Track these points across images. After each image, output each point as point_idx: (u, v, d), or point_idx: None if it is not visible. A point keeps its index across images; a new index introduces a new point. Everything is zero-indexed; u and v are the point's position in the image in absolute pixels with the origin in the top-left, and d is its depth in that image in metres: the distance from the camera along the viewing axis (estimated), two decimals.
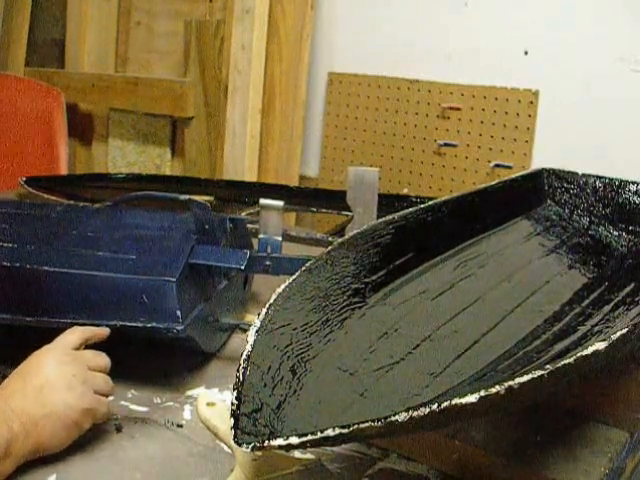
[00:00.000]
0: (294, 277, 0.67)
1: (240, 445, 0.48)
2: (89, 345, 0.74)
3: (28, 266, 0.80)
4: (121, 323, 0.79)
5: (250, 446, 0.47)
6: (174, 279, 0.78)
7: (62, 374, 0.67)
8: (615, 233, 1.08)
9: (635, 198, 1.09)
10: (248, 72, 1.89)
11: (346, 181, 1.10)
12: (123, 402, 0.79)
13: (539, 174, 1.15)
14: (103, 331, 0.77)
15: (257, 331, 0.59)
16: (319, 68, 1.96)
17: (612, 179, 1.11)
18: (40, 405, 0.64)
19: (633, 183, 1.10)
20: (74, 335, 0.73)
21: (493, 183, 1.03)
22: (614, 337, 0.57)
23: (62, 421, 0.65)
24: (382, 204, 1.13)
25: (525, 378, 0.49)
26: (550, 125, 1.65)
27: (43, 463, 0.66)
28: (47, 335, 0.73)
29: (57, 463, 0.67)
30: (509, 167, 1.68)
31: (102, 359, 0.73)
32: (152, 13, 2.25)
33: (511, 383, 0.48)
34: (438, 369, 0.68)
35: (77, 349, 0.72)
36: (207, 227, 0.87)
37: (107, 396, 0.71)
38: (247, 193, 1.57)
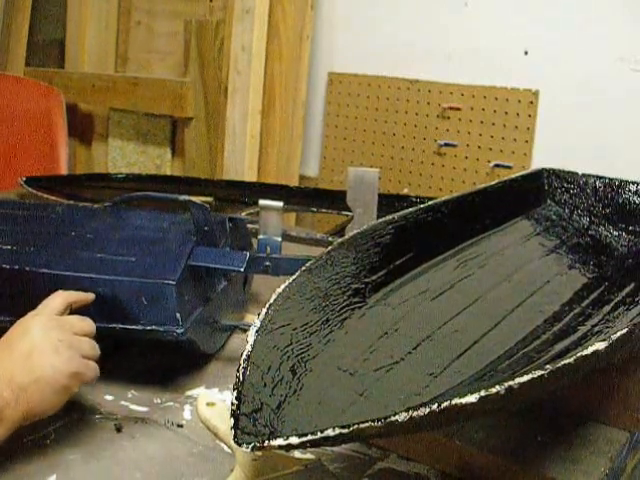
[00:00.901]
0: (294, 277, 0.67)
1: (240, 445, 0.48)
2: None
3: (27, 269, 0.80)
4: (121, 326, 0.78)
5: (250, 446, 0.47)
6: (174, 282, 0.78)
7: (48, 339, 0.67)
8: (615, 233, 1.08)
9: (635, 198, 1.09)
10: (248, 72, 1.89)
11: (346, 181, 1.10)
12: (123, 402, 0.79)
13: (539, 174, 1.15)
14: (87, 296, 0.77)
15: (257, 331, 0.59)
16: (319, 68, 1.96)
17: (612, 179, 1.11)
18: (28, 371, 0.64)
19: (633, 183, 1.10)
20: (58, 300, 0.73)
21: (493, 183, 1.02)
22: (614, 337, 0.57)
23: (51, 386, 0.65)
24: (382, 204, 1.13)
25: (525, 378, 0.49)
26: (550, 125, 1.65)
27: (43, 463, 0.66)
28: None
29: (57, 463, 0.67)
30: (509, 167, 1.68)
31: (87, 324, 0.73)
32: (152, 13, 2.25)
33: (511, 383, 0.48)
34: (438, 369, 0.68)
35: (61, 314, 0.72)
36: (206, 228, 0.87)
37: (93, 360, 0.71)
38: (247, 193, 1.57)
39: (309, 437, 0.47)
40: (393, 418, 0.47)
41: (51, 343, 0.67)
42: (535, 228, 1.05)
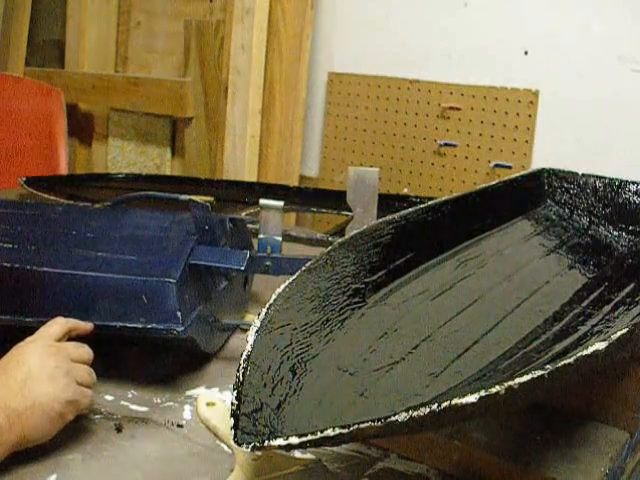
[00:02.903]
0: (294, 277, 0.67)
1: (240, 445, 0.48)
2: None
3: (28, 267, 0.80)
4: (121, 324, 0.78)
5: (250, 446, 0.47)
6: (174, 280, 0.78)
7: (45, 366, 0.67)
8: (615, 233, 1.08)
9: (635, 198, 1.09)
10: (248, 72, 1.89)
11: (346, 181, 1.10)
12: (123, 402, 0.79)
13: (539, 174, 1.15)
14: (86, 325, 0.77)
15: (257, 331, 0.59)
16: (319, 68, 1.96)
17: (612, 179, 1.11)
18: (23, 397, 0.64)
19: (633, 183, 1.10)
20: (56, 327, 0.73)
21: (493, 183, 1.02)
22: (614, 337, 0.56)
23: (46, 413, 0.65)
24: (382, 204, 1.13)
25: (525, 378, 0.49)
26: (550, 125, 1.65)
27: (43, 463, 0.66)
28: None
29: (57, 463, 0.67)
30: (509, 167, 1.68)
31: (85, 351, 0.73)
32: (152, 13, 2.25)
33: (511, 383, 0.48)
34: (438, 369, 0.68)
35: (59, 341, 0.72)
36: (207, 227, 0.87)
37: (90, 387, 0.71)
38: (247, 193, 1.57)
39: (309, 437, 0.47)
40: (393, 418, 0.47)
41: (47, 370, 0.67)
42: (535, 228, 1.05)
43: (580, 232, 1.08)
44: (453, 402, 0.47)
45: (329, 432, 0.46)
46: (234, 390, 0.52)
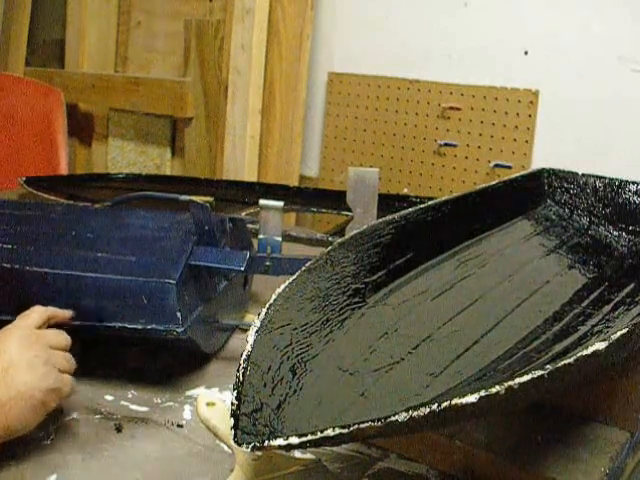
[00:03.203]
0: (294, 277, 0.67)
1: (240, 445, 0.48)
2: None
3: (28, 267, 0.80)
4: (121, 325, 0.79)
5: (250, 446, 0.47)
6: (174, 281, 0.78)
7: (24, 355, 0.67)
8: (615, 233, 1.08)
9: (635, 198, 1.09)
10: (248, 72, 1.89)
11: (346, 181, 1.10)
12: (123, 402, 0.79)
13: (539, 174, 1.15)
14: (65, 313, 0.77)
15: (257, 331, 0.59)
16: (319, 68, 1.96)
17: (612, 179, 1.11)
18: (6, 387, 0.64)
19: (633, 183, 1.10)
20: (35, 315, 0.73)
21: (493, 183, 1.03)
22: (614, 337, 0.56)
23: (28, 402, 0.65)
24: (382, 204, 1.13)
25: (525, 378, 0.49)
26: (550, 125, 1.65)
27: (43, 463, 0.66)
28: None
29: (57, 463, 0.67)
30: (509, 167, 1.68)
31: (63, 338, 0.73)
32: (152, 13, 2.25)
33: (511, 383, 0.48)
34: (438, 369, 0.68)
35: (38, 329, 0.72)
36: (207, 228, 0.87)
37: (70, 374, 0.71)
38: (247, 193, 1.57)
39: (309, 437, 0.47)
40: (393, 418, 0.47)
41: (27, 359, 0.67)
42: (535, 228, 1.05)
43: (580, 232, 1.09)
44: (453, 402, 0.47)
45: (329, 432, 0.46)
46: (234, 390, 0.52)
